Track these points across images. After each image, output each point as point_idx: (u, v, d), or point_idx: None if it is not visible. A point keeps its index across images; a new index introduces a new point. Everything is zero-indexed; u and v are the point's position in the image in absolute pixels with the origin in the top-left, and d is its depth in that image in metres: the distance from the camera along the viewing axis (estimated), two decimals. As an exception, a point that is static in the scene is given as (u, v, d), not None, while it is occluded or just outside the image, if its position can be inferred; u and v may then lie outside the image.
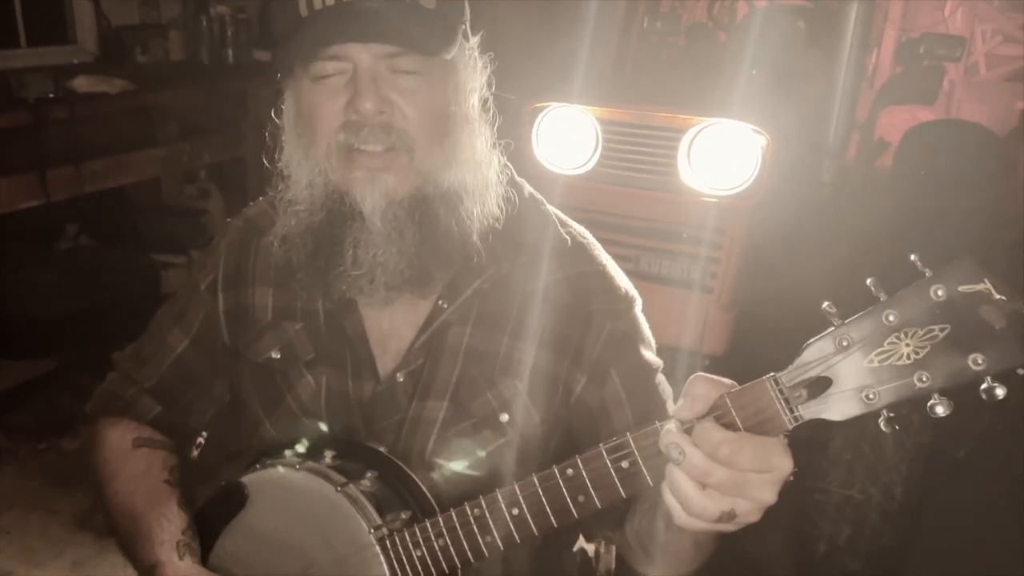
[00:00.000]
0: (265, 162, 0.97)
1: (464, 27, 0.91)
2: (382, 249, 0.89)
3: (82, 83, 2.94)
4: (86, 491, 2.52)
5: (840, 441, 2.10)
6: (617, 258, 1.05)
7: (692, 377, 0.73)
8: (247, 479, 0.97)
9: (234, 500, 0.97)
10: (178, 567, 0.93)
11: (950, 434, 2.78)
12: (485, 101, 0.96)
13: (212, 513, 1.00)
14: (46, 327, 2.89)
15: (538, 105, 2.07)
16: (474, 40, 0.94)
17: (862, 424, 0.70)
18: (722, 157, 1.96)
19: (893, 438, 2.06)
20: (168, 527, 0.96)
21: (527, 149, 2.08)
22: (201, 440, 1.13)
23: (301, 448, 0.98)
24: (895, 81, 3.94)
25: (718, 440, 0.68)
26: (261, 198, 1.09)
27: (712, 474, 0.67)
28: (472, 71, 0.93)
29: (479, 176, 0.93)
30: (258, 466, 0.98)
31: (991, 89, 6.85)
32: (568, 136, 2.10)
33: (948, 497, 2.55)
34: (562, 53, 2.92)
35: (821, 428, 2.07)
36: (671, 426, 0.70)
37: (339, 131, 0.86)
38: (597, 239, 1.05)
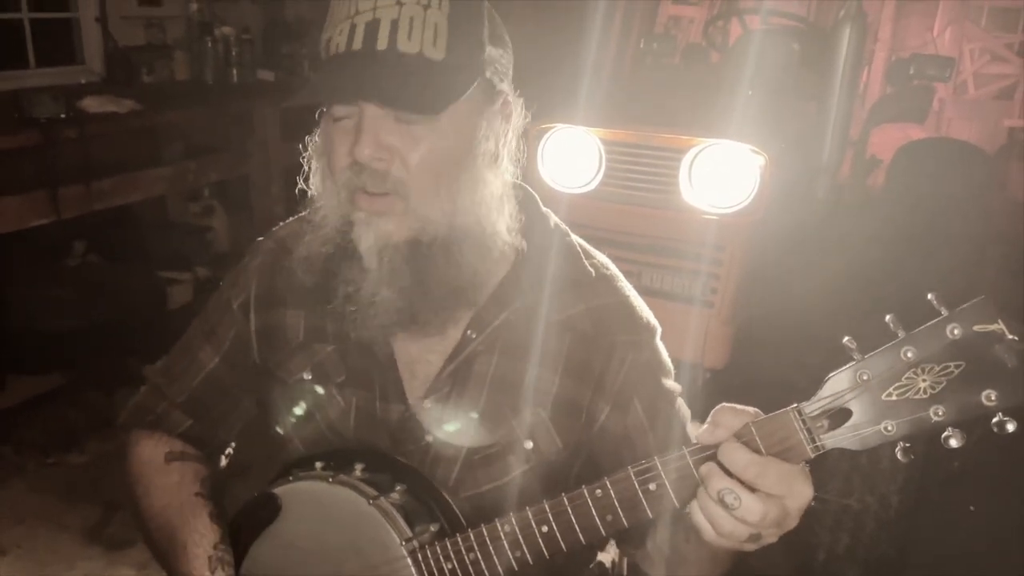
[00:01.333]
0: (271, 180, 1.01)
1: (483, 75, 0.91)
2: (376, 289, 0.91)
3: (91, 103, 3.00)
4: (95, 506, 2.55)
5: (837, 452, 2.15)
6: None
7: (718, 407, 0.78)
8: (280, 490, 0.99)
9: (267, 510, 0.99)
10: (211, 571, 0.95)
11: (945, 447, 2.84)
12: (512, 141, 0.97)
13: (246, 522, 1.02)
14: (55, 343, 2.92)
15: (543, 126, 2.13)
16: (504, 83, 0.94)
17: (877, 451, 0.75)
18: (722, 176, 2.02)
19: (889, 449, 2.11)
20: (201, 541, 0.97)
21: (533, 168, 2.14)
22: (230, 451, 1.16)
23: (332, 461, 1.01)
24: (886, 100, 4.02)
25: (745, 462, 0.73)
26: (291, 219, 1.12)
27: None
28: (490, 116, 0.93)
29: (484, 221, 0.93)
30: (291, 478, 1.00)
31: (980, 107, 6.95)
32: (573, 156, 2.15)
33: (944, 507, 2.59)
34: (565, 73, 2.98)
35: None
36: (724, 482, 0.75)
37: (346, 170, 0.89)
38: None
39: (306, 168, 1.00)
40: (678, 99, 2.57)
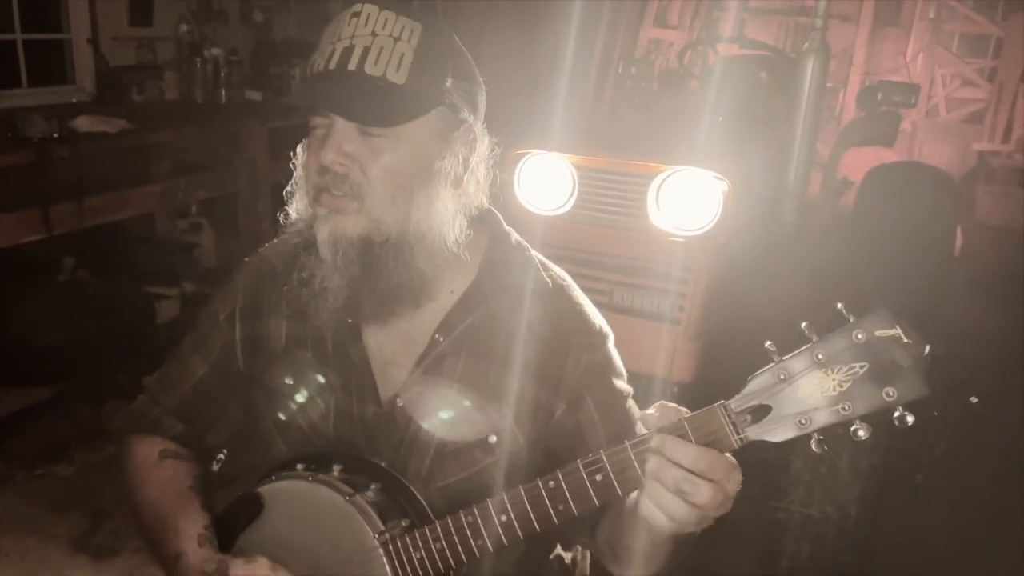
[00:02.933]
0: (259, 198, 1.12)
1: (444, 103, 1.00)
2: (328, 277, 1.01)
3: (83, 123, 3.06)
4: (82, 516, 2.59)
5: (799, 463, 2.24)
6: (592, 292, 1.17)
7: (657, 403, 0.87)
8: (264, 489, 1.06)
9: (252, 508, 1.06)
10: (199, 553, 1.03)
11: (908, 460, 2.95)
12: (480, 168, 1.06)
13: (231, 519, 1.09)
14: (45, 356, 2.97)
15: (519, 152, 2.23)
16: (471, 115, 1.04)
17: (800, 445, 0.84)
18: (687, 201, 2.12)
19: (847, 460, 2.21)
20: (191, 524, 1.06)
21: (510, 191, 2.24)
22: (222, 456, 1.24)
23: (312, 462, 1.08)
24: (855, 125, 4.15)
25: (693, 454, 0.81)
26: (276, 240, 1.20)
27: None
28: (450, 141, 1.02)
29: (435, 231, 1.02)
30: (273, 477, 1.07)
31: (951, 131, 7.12)
32: (547, 180, 2.25)
33: (907, 518, 2.70)
34: (542, 97, 3.09)
35: (781, 451, 2.24)
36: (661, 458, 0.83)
37: (314, 173, 1.00)
38: (574, 274, 1.17)
39: (292, 182, 1.09)
40: (649, 126, 2.68)
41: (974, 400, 3.50)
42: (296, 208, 1.07)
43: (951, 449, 3.18)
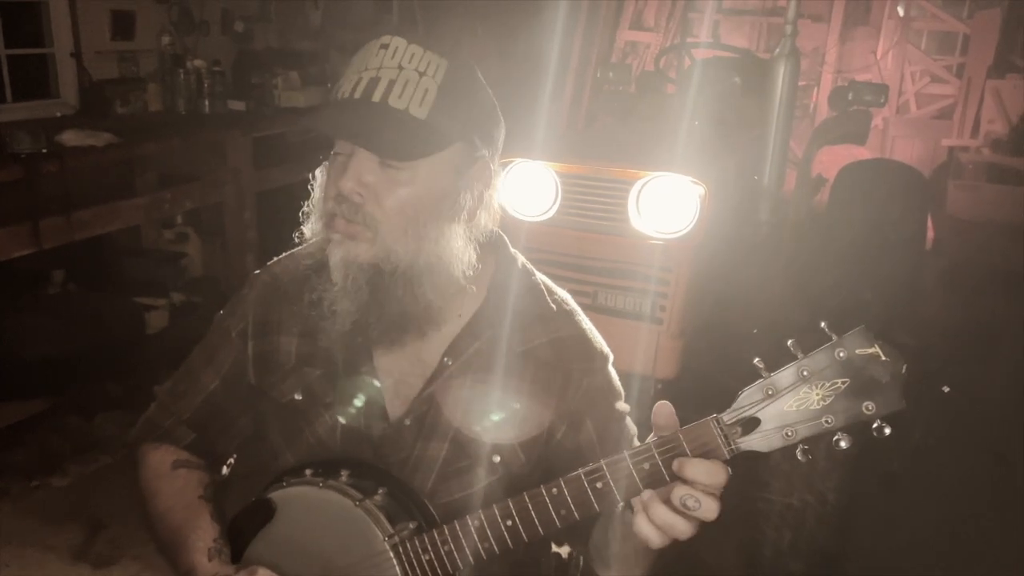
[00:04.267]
0: (244, 207, 1.16)
1: (464, 140, 1.03)
2: (338, 300, 1.04)
3: (70, 137, 3.10)
4: (79, 527, 2.60)
5: (779, 455, 2.32)
6: (576, 294, 1.21)
7: (659, 403, 0.91)
8: (275, 495, 1.09)
9: (263, 513, 1.08)
10: (207, 568, 1.06)
11: (884, 449, 3.05)
12: (483, 200, 1.08)
13: (243, 525, 1.11)
14: (37, 370, 3.00)
15: (504, 160, 2.30)
16: (489, 150, 1.06)
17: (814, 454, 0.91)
18: (666, 205, 2.19)
19: (825, 451, 2.30)
20: (202, 536, 1.09)
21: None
22: (231, 461, 1.28)
23: (320, 468, 1.10)
24: (828, 124, 4.24)
25: (707, 470, 0.86)
26: (283, 254, 1.24)
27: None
28: (467, 178, 1.05)
29: (444, 264, 1.04)
30: (284, 484, 1.09)
31: (921, 127, 7.25)
32: (532, 187, 2.31)
33: (884, 505, 2.80)
34: (521, 104, 3.15)
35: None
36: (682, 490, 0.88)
37: (331, 199, 1.03)
38: (559, 277, 1.22)
39: (309, 203, 1.12)
40: (628, 133, 2.75)
41: (946, 389, 3.61)
42: (311, 229, 1.10)
43: (925, 438, 3.29)
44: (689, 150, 2.51)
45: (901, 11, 7.30)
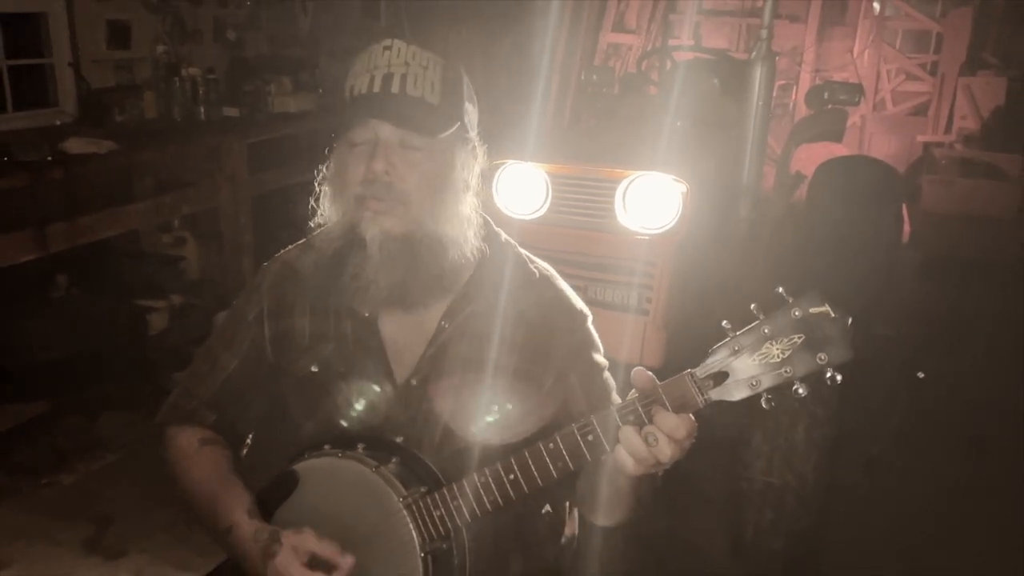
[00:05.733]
0: (240, 210, 1.28)
1: (463, 120, 1.19)
2: (376, 271, 1.17)
3: (73, 145, 3.18)
4: (88, 521, 2.67)
5: (760, 436, 2.40)
6: None
7: (635, 368, 1.04)
8: (298, 467, 1.20)
9: (288, 484, 1.19)
10: (250, 524, 1.17)
11: (865, 434, 3.18)
12: (479, 175, 1.25)
13: (270, 495, 1.21)
14: (44, 371, 3.08)
15: (497, 162, 2.42)
16: (473, 133, 1.23)
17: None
18: (650, 203, 2.31)
19: (803, 432, 2.41)
20: (239, 499, 1.21)
21: (490, 198, 2.41)
22: (248, 441, 1.40)
23: (338, 442, 1.21)
24: (805, 123, 4.37)
25: (673, 423, 0.98)
26: (291, 246, 1.37)
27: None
28: (465, 153, 1.21)
29: (460, 231, 1.21)
30: (306, 457, 1.21)
31: (897, 123, 7.41)
32: (523, 187, 2.43)
33: (863, 488, 2.93)
34: (514, 111, 3.25)
35: (743, 428, 2.47)
36: (649, 427, 1.01)
37: (360, 184, 1.16)
38: None
39: (317, 190, 1.25)
40: (614, 134, 2.87)
41: (921, 376, 3.76)
42: (327, 217, 1.23)
43: (902, 422, 3.43)
44: (671, 150, 2.63)
45: (877, 7, 7.46)
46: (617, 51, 7.02)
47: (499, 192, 2.45)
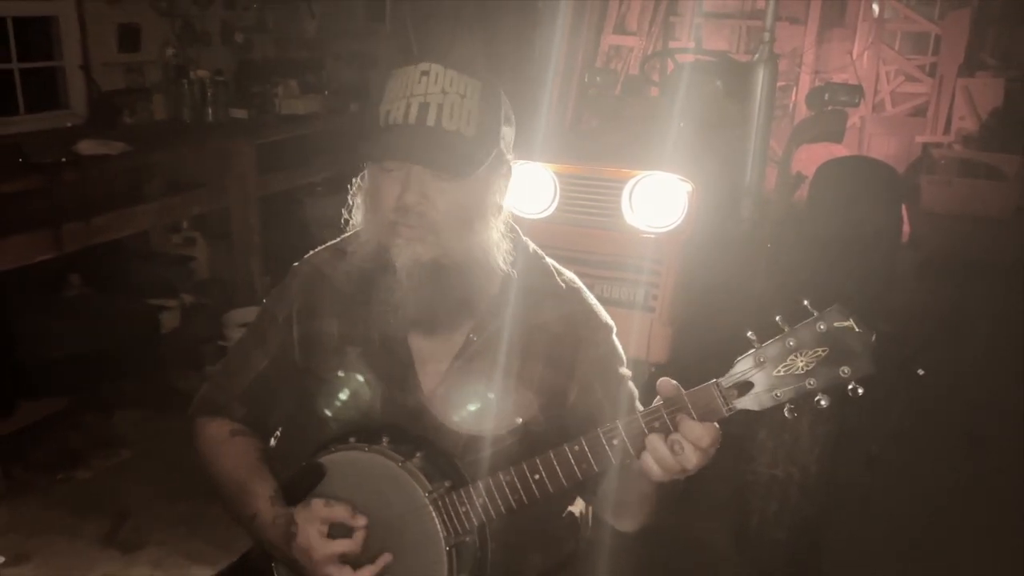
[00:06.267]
0: (249, 211, 1.28)
1: (499, 147, 1.18)
2: (405, 296, 1.15)
3: (86, 147, 3.22)
4: (105, 516, 2.70)
5: (765, 432, 2.46)
6: None
7: (662, 379, 1.04)
8: (324, 459, 1.21)
9: (315, 475, 1.21)
10: (270, 511, 1.21)
11: (865, 432, 3.23)
12: (506, 193, 1.24)
13: (295, 486, 1.22)
14: (59, 369, 3.11)
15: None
16: (510, 155, 1.22)
17: (773, 415, 1.06)
18: (656, 202, 2.36)
19: (807, 427, 2.47)
20: (262, 487, 1.24)
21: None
22: (278, 434, 1.43)
23: (363, 435, 1.22)
24: (805, 124, 4.42)
25: (699, 432, 1.00)
26: (320, 247, 1.39)
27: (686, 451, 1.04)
28: (499, 176, 1.21)
29: (487, 257, 1.19)
30: (332, 450, 1.22)
31: (897, 124, 7.48)
32: (532, 187, 2.48)
33: (863, 483, 2.98)
34: (514, 108, 3.29)
35: (749, 424, 2.53)
36: (676, 436, 1.03)
37: (392, 210, 1.17)
38: None
39: (350, 202, 1.28)
40: (619, 135, 2.92)
41: (921, 372, 3.81)
42: (364, 232, 1.24)
43: (902, 419, 3.48)
44: (676, 150, 2.68)
45: (876, 8, 7.52)
46: (619, 53, 7.09)
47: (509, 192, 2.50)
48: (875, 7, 7.52)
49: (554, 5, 3.70)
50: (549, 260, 1.34)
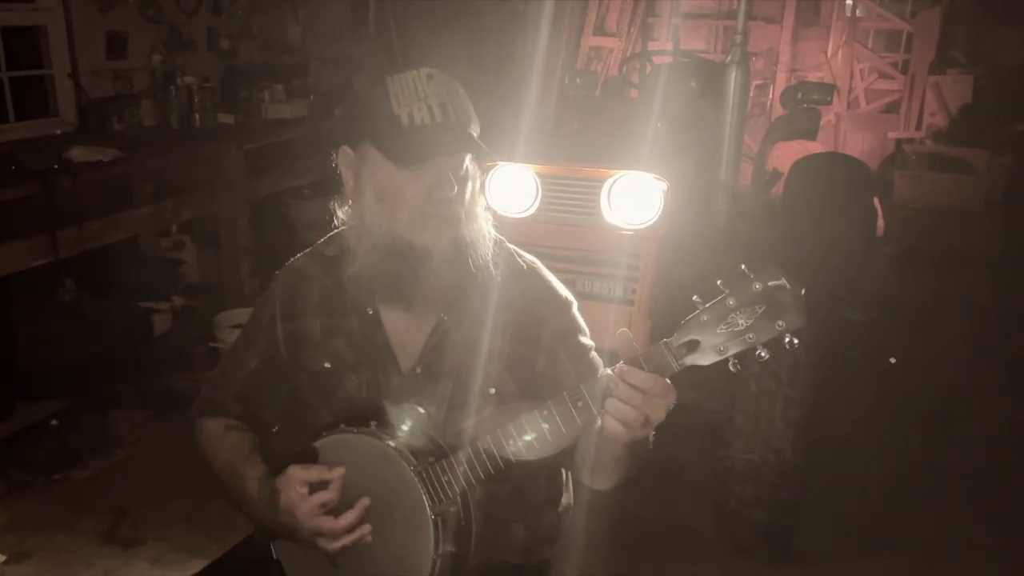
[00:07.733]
0: (238, 215, 1.36)
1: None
2: (429, 270, 1.25)
3: (78, 153, 3.26)
4: (104, 513, 2.76)
5: (741, 418, 2.56)
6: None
7: (619, 331, 1.09)
8: (318, 444, 1.30)
9: (308, 458, 1.29)
10: (261, 489, 1.30)
11: (838, 415, 3.35)
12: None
13: None
14: (55, 371, 3.16)
15: (489, 164, 2.57)
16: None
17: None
18: (634, 200, 2.45)
19: (780, 412, 2.56)
20: (254, 470, 1.34)
21: (482, 198, 2.56)
22: (275, 430, 1.53)
23: (352, 420, 1.31)
24: (780, 121, 4.54)
25: (642, 378, 1.06)
26: (299, 254, 1.48)
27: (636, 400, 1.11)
28: (476, 170, 1.31)
29: (483, 231, 1.33)
30: (324, 435, 1.30)
31: (870, 120, 7.63)
32: (514, 187, 2.57)
33: (838, 464, 3.10)
34: (495, 109, 3.37)
35: (726, 410, 2.60)
36: (619, 382, 1.10)
37: (427, 203, 1.23)
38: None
39: (345, 207, 1.36)
40: (598, 135, 3.02)
41: (893, 361, 3.95)
42: (371, 229, 1.30)
43: (874, 405, 3.60)
44: (653, 149, 2.79)
45: (849, 4, 7.67)
46: (599, 54, 7.20)
47: (491, 192, 2.59)
48: (848, 4, 7.66)
49: (535, 8, 3.80)
50: (509, 244, 1.44)
